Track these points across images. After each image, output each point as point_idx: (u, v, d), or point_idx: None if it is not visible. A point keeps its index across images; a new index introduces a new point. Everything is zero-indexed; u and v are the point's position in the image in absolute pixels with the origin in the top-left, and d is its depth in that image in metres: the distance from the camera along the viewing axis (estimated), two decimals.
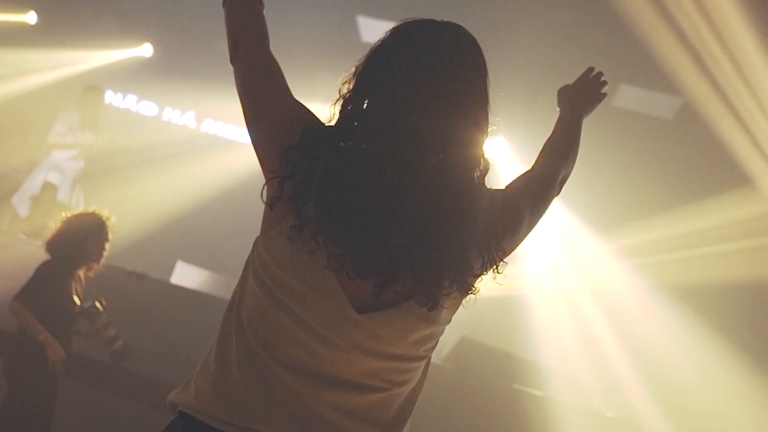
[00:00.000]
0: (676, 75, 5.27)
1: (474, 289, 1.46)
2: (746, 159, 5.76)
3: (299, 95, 1.53)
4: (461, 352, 4.89)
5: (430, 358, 1.53)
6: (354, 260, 1.37)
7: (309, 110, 1.52)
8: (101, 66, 7.80)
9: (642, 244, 6.32)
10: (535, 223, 1.64)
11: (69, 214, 4.19)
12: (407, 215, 1.37)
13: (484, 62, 1.50)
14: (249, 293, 1.46)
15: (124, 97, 8.26)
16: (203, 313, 4.56)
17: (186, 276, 5.98)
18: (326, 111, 1.48)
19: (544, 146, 1.80)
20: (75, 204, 6.39)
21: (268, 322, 1.42)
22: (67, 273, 4.04)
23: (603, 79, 1.96)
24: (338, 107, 1.46)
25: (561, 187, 1.77)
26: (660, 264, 6.27)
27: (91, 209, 4.28)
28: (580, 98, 1.92)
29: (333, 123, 1.46)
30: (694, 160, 6.22)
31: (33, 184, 6.41)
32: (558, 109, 1.93)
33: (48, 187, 6.41)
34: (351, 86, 1.47)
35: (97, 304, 4.07)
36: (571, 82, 1.96)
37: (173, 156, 7.34)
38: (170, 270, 6.11)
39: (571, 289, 6.60)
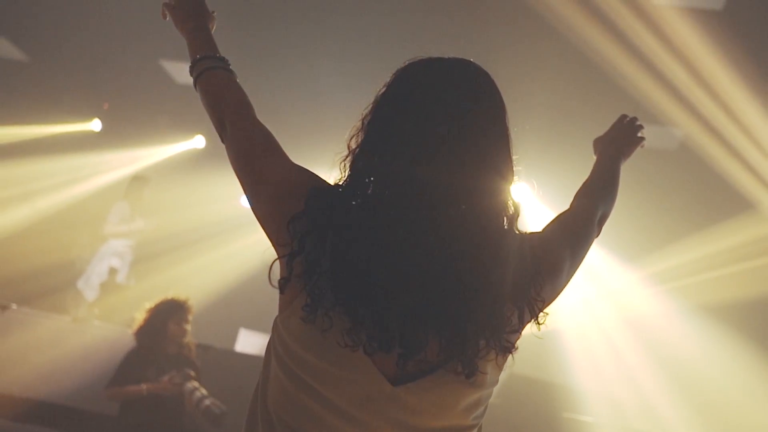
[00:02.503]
0: (673, 111, 5.24)
1: (515, 348, 1.18)
2: (744, 185, 5.68)
3: (330, 164, 1.38)
4: (511, 387, 4.71)
5: (480, 426, 1.25)
6: (369, 334, 1.10)
7: (311, 173, 1.28)
8: (161, 160, 7.92)
9: (665, 271, 6.18)
10: (577, 267, 1.37)
11: (152, 303, 4.19)
12: (427, 276, 1.11)
13: (499, 96, 1.25)
14: (273, 378, 1.20)
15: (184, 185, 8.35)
16: None
17: (249, 342, 5.88)
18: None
19: (580, 187, 1.58)
20: (131, 285, 6.45)
21: (294, 408, 1.15)
22: (152, 357, 4.02)
23: (638, 123, 1.76)
24: (347, 164, 1.23)
25: (600, 228, 1.54)
26: (684, 287, 6.14)
27: (170, 294, 4.27)
28: (617, 142, 1.72)
29: (342, 182, 1.22)
30: (700, 189, 6.10)
31: (99, 270, 6.46)
32: (594, 156, 1.72)
33: (113, 272, 6.48)
34: (359, 140, 1.23)
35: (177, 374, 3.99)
36: (581, 123, 1.84)
37: (230, 231, 7.36)
38: (234, 338, 6.04)
39: (603, 317, 6.42)
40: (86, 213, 7.18)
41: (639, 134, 1.76)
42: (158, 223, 6.80)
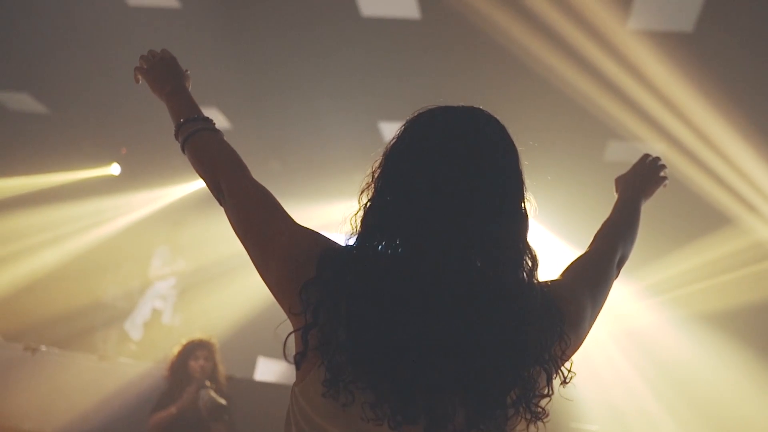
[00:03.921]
0: (648, 132, 5.31)
1: (545, 413, 1.05)
2: (722, 202, 5.76)
3: (333, 195, 1.30)
4: None
5: None
6: (393, 406, 0.99)
7: (319, 234, 1.16)
8: (178, 199, 7.95)
9: (656, 284, 6.24)
10: (598, 313, 1.26)
11: (183, 341, 4.39)
12: (450, 343, 1.00)
13: (512, 144, 1.15)
14: None
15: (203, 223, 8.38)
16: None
17: (269, 370, 5.84)
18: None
19: (600, 228, 1.47)
20: (177, 325, 6.55)
21: None
22: (178, 391, 4.15)
23: (661, 162, 1.65)
24: (358, 221, 1.11)
25: (620, 270, 1.42)
26: (675, 299, 6.21)
27: (197, 335, 4.45)
28: (639, 183, 1.60)
29: (353, 241, 1.10)
30: (679, 206, 6.12)
31: (143, 312, 6.60)
32: (616, 194, 1.62)
33: (155, 313, 6.61)
34: (370, 195, 1.12)
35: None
36: (565, 149, 1.81)
37: (246, 264, 7.35)
38: (253, 367, 6.00)
39: (602, 329, 6.41)
40: (109, 255, 7.23)
41: (661, 174, 1.65)
42: (193, 264, 6.91)
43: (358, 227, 1.11)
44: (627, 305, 6.34)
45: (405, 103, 5.89)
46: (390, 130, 6.15)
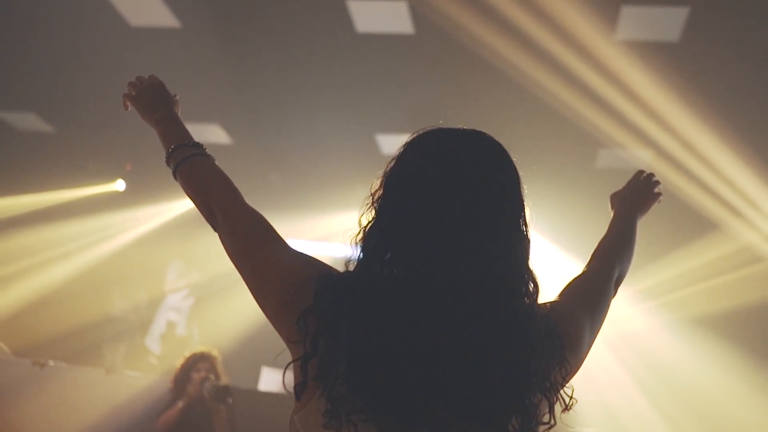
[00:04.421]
0: (634, 142, 5.34)
1: None
2: (707, 208, 5.79)
3: (332, 206, 1.23)
4: None
5: None
6: None
7: (315, 260, 1.13)
8: (181, 214, 7.94)
9: (649, 288, 6.25)
10: (597, 334, 1.24)
11: (186, 353, 4.45)
12: (455, 369, 0.96)
13: (514, 168, 1.12)
14: None
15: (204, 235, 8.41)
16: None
17: (273, 380, 5.81)
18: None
19: (597, 247, 1.43)
20: (193, 336, 6.55)
21: None
22: (179, 399, 4.20)
23: (655, 179, 1.62)
24: (359, 244, 1.08)
25: (617, 288, 1.39)
26: (668, 302, 6.22)
27: (200, 347, 4.53)
28: (634, 199, 1.56)
29: (353, 265, 1.07)
30: (667, 212, 6.13)
31: (159, 325, 6.63)
32: (611, 211, 1.58)
33: (170, 325, 6.71)
34: (371, 218, 1.08)
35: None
36: (557, 158, 1.79)
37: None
38: (257, 377, 5.98)
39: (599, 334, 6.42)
40: (115, 269, 7.22)
41: (656, 190, 1.62)
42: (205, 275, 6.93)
43: (360, 250, 1.08)
44: (620, 310, 6.34)
45: (401, 115, 5.97)
46: (387, 142, 6.17)
